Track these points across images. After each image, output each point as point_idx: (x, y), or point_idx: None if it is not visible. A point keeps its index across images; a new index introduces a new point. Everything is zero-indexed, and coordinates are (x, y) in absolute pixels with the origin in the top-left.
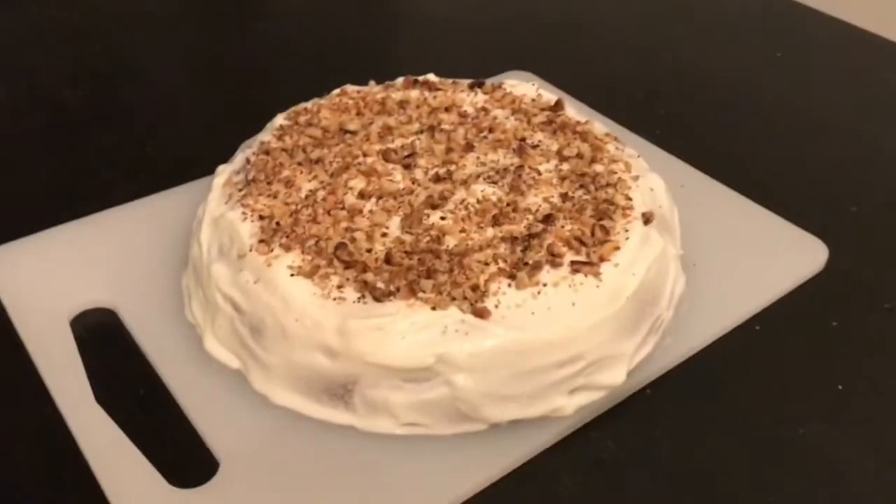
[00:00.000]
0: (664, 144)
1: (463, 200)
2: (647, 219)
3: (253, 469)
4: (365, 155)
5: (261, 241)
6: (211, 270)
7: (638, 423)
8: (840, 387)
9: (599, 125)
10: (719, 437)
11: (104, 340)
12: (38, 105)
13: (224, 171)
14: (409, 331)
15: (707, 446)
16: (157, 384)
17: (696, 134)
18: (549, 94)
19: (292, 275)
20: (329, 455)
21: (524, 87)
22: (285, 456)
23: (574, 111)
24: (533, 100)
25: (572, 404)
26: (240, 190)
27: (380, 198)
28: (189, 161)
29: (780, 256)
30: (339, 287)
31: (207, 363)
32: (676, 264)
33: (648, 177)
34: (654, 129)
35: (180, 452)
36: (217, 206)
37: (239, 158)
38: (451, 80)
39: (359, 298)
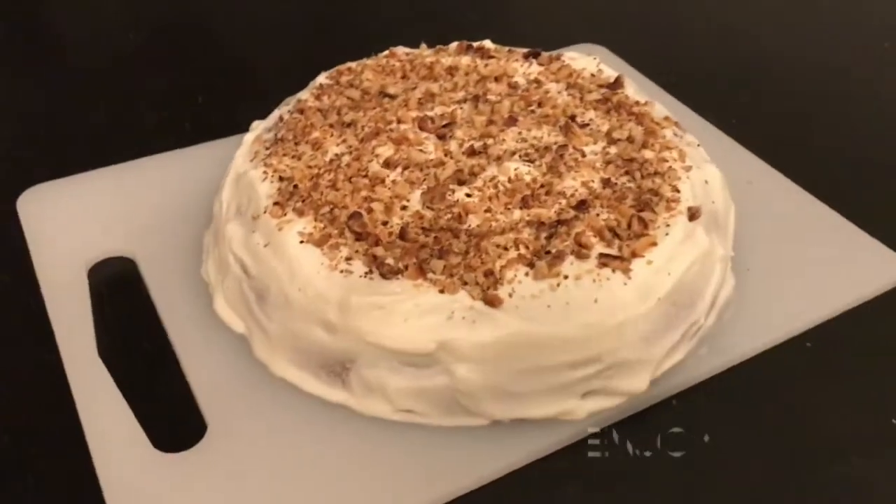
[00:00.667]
0: (739, 136)
1: (493, 178)
2: (692, 214)
3: (239, 439)
4: (399, 121)
5: (276, 203)
6: (226, 229)
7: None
8: (894, 421)
9: (661, 108)
10: (748, 463)
11: (121, 290)
12: (100, 46)
13: (257, 128)
14: (412, 313)
15: (733, 471)
16: (164, 340)
17: (777, 128)
18: (611, 71)
19: (302, 241)
20: (319, 433)
21: (584, 60)
22: (275, 429)
23: (635, 90)
24: (593, 75)
25: (585, 408)
26: (266, 148)
27: (406, 168)
28: (238, 114)
29: (847, 268)
30: (348, 259)
31: (215, 324)
32: (724, 266)
33: (705, 168)
34: (731, 117)
35: (174, 413)
36: (242, 164)
37: (274, 115)
38: (507, 49)
39: (366, 273)
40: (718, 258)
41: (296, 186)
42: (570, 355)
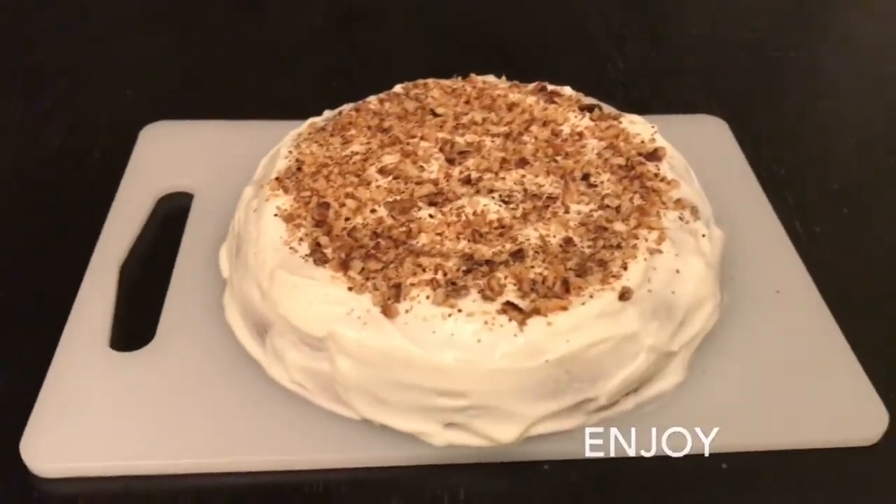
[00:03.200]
0: (808, 245)
1: (461, 207)
2: (623, 294)
3: (167, 358)
4: (423, 138)
5: (277, 178)
6: (245, 190)
7: (514, 495)
8: None
9: (687, 191)
10: None
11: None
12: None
13: (324, 115)
14: (319, 299)
15: None
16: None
17: (860, 251)
18: (664, 142)
19: (276, 214)
20: (233, 376)
21: (642, 126)
22: (202, 360)
23: (671, 167)
24: (643, 142)
25: (444, 437)
26: (310, 134)
27: (396, 178)
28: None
29: (819, 405)
30: (301, 240)
31: (215, 264)
32: (656, 357)
33: (687, 259)
34: (815, 225)
35: (148, 324)
36: (285, 141)
37: (339, 109)
38: (576, 97)
39: (306, 255)
40: (646, 347)
41: (300, 169)
42: (435, 382)
